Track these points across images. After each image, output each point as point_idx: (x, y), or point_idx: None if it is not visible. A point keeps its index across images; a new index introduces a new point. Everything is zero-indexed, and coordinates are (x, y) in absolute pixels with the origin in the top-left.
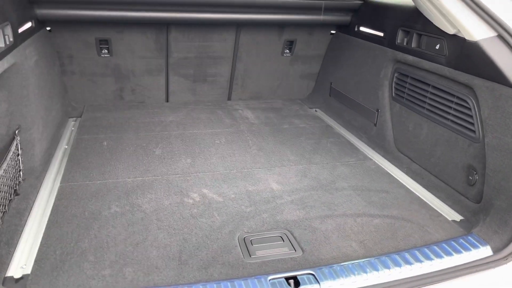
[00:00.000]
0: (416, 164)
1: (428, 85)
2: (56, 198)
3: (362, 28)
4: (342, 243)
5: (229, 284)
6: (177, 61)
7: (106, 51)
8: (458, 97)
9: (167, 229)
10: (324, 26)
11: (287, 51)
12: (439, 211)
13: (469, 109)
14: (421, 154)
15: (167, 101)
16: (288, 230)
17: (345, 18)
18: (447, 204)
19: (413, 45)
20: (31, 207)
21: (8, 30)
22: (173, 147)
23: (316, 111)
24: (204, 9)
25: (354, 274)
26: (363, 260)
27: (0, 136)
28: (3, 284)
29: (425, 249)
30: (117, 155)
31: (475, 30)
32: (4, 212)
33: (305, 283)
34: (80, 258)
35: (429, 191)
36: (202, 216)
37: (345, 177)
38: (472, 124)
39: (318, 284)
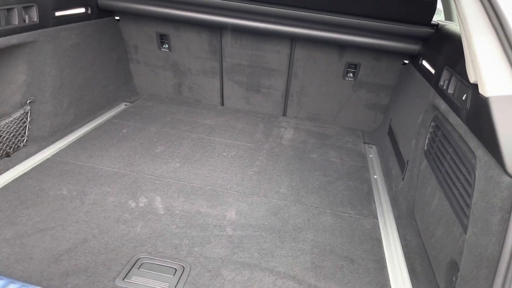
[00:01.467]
0: (420, 239)
1: (450, 144)
2: (31, 168)
3: (423, 62)
4: None
5: None
6: (230, 66)
7: (166, 45)
8: (466, 168)
9: (81, 225)
10: (393, 53)
11: (350, 75)
12: None
13: (470, 186)
14: (427, 229)
15: (222, 104)
16: (190, 266)
17: (413, 47)
18: None
19: (450, 90)
20: (6, 170)
21: (33, 11)
22: (177, 148)
23: (370, 147)
24: (256, 17)
25: None
26: None
27: (13, 103)
28: None
29: None
30: (122, 143)
31: (492, 83)
32: None
33: None
34: None
35: (410, 277)
36: (125, 223)
37: (318, 229)
38: (469, 207)
39: None
